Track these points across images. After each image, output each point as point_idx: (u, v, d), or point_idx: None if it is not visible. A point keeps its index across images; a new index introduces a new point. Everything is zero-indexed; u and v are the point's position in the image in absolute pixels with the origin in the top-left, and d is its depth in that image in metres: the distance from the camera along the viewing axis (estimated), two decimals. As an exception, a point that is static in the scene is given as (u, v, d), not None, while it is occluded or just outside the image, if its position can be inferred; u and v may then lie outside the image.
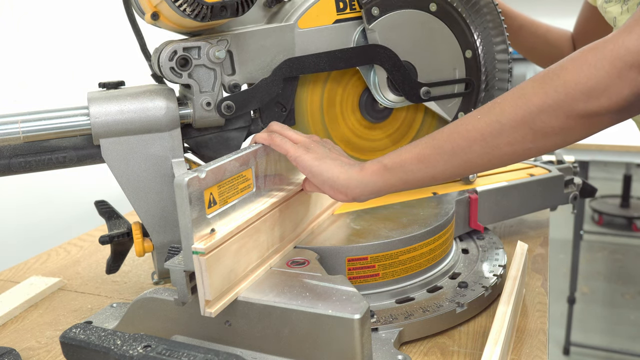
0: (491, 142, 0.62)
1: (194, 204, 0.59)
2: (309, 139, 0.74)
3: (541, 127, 0.60)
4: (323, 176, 0.69)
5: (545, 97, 0.59)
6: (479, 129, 0.62)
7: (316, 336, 0.60)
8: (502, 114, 0.61)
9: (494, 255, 0.89)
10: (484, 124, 0.62)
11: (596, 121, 0.59)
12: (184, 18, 0.70)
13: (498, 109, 0.62)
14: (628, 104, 0.57)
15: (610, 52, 0.56)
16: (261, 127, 0.84)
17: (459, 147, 0.64)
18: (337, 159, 0.71)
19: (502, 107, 0.62)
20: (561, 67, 0.59)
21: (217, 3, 0.70)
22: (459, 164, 0.65)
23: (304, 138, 0.74)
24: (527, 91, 0.60)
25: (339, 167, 0.69)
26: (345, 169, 0.69)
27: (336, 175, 0.68)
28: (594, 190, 1.14)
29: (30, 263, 1.09)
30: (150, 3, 0.73)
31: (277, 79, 0.82)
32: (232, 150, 0.82)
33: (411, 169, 0.66)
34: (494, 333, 0.67)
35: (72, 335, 0.62)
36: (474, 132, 0.63)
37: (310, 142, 0.73)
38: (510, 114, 0.61)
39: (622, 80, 0.55)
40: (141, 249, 0.80)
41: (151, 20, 0.73)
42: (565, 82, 0.58)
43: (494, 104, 0.63)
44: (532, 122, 0.60)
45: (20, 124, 0.74)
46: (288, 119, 0.86)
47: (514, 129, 0.61)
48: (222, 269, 0.62)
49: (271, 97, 0.82)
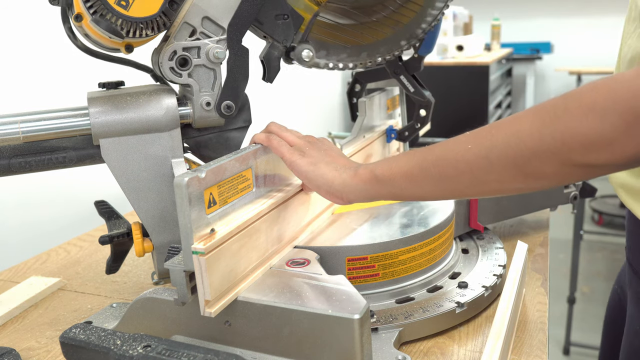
0: (479, 177, 0.58)
1: (194, 204, 0.59)
2: (305, 141, 0.74)
3: (532, 171, 0.54)
4: (318, 181, 0.69)
5: (540, 142, 0.52)
6: (468, 161, 0.58)
7: (316, 336, 0.60)
8: (492, 150, 0.56)
9: (494, 255, 0.89)
10: (473, 157, 0.57)
11: (594, 171, 0.53)
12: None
13: (489, 143, 0.56)
14: (632, 161, 0.50)
15: (623, 102, 0.47)
16: (279, 51, 0.81)
17: (447, 175, 0.60)
18: (331, 162, 0.70)
19: (493, 141, 0.56)
20: (565, 107, 0.51)
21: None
22: (446, 190, 0.62)
23: (300, 140, 0.74)
24: (523, 128, 0.54)
25: (333, 172, 0.68)
26: (339, 174, 0.68)
27: (330, 181, 0.68)
28: (594, 190, 1.14)
29: (30, 263, 1.09)
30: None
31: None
32: (232, 150, 0.82)
33: (400, 185, 0.64)
34: (494, 333, 0.67)
35: (72, 335, 0.62)
36: (462, 164, 0.58)
37: (306, 145, 0.73)
38: (501, 152, 0.55)
39: (629, 137, 0.47)
40: (141, 249, 0.80)
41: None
42: (564, 129, 0.50)
43: (488, 134, 0.57)
44: (523, 165, 0.54)
45: (20, 124, 0.74)
46: (296, 23, 0.82)
47: (503, 169, 0.56)
48: (222, 269, 0.62)
49: (258, 9, 0.78)
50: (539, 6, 5.30)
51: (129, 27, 0.72)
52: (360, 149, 1.01)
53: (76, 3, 0.70)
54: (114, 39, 0.72)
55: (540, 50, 4.99)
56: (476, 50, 3.79)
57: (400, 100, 1.20)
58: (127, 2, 0.70)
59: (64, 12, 0.73)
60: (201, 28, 0.77)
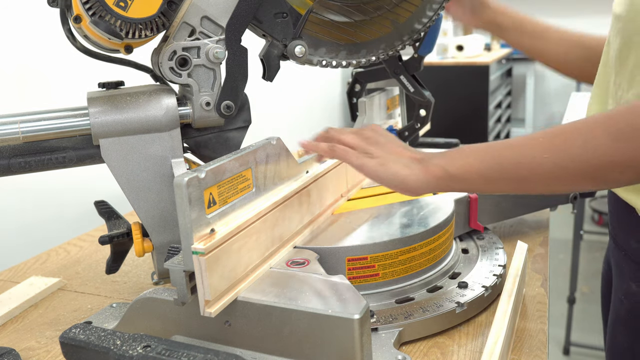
0: (553, 186, 0.63)
1: (194, 204, 0.59)
2: (365, 140, 0.75)
3: (608, 179, 0.60)
4: (390, 181, 0.70)
5: (618, 156, 0.57)
6: (545, 169, 0.61)
7: (316, 336, 0.60)
8: (569, 162, 0.60)
9: (494, 255, 0.89)
10: (551, 165, 0.61)
11: None
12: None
13: (565, 155, 0.60)
14: None
15: None
16: (278, 49, 0.82)
17: (523, 178, 0.63)
18: (398, 159, 0.71)
19: (569, 153, 0.60)
20: (634, 127, 0.56)
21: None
22: (519, 189, 0.66)
23: (361, 141, 0.75)
24: (599, 143, 0.58)
25: (405, 170, 0.69)
26: (410, 171, 0.69)
27: (403, 178, 0.69)
28: (594, 190, 1.14)
29: (30, 263, 1.09)
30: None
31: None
32: (231, 150, 0.81)
33: (474, 184, 0.67)
34: (494, 333, 0.67)
35: (72, 336, 0.62)
36: (539, 170, 0.62)
37: (368, 145, 0.74)
38: (578, 165, 0.59)
39: None
40: (141, 249, 0.80)
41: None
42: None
43: (563, 144, 0.61)
44: (600, 176, 0.59)
45: (19, 125, 0.74)
46: (295, 21, 0.82)
47: (581, 178, 0.60)
48: (221, 269, 0.62)
49: (256, 8, 0.78)
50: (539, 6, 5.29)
51: (128, 28, 0.72)
52: (360, 149, 1.01)
53: (75, 5, 0.70)
54: (113, 40, 0.72)
55: (540, 50, 4.99)
56: (476, 50, 3.79)
57: (400, 100, 1.20)
58: (125, 3, 0.70)
59: (63, 13, 0.73)
60: (200, 28, 0.77)
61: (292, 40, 0.83)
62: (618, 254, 0.86)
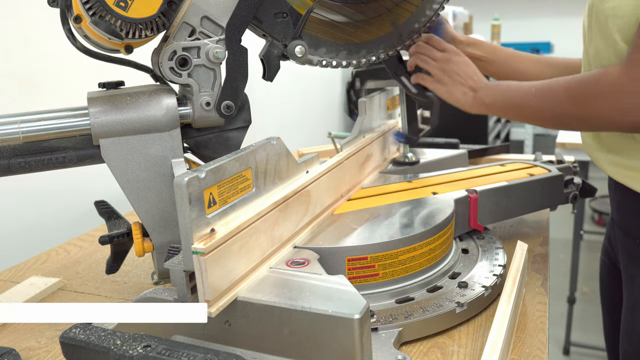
0: (539, 122, 0.89)
1: (194, 204, 0.59)
2: (440, 67, 0.97)
3: (572, 127, 0.87)
4: (451, 102, 0.97)
5: (575, 112, 0.80)
6: (533, 111, 0.86)
7: (316, 336, 0.60)
8: (545, 110, 0.84)
9: (494, 255, 0.89)
10: (536, 109, 0.85)
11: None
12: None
13: (542, 104, 0.84)
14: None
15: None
16: (278, 49, 0.83)
17: (523, 114, 0.89)
18: (461, 87, 0.95)
19: (544, 104, 0.84)
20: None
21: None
22: (521, 119, 0.93)
23: (438, 69, 0.98)
24: (561, 101, 0.81)
25: (462, 97, 0.95)
26: (465, 99, 0.95)
27: (460, 104, 0.96)
28: (594, 190, 1.14)
29: (30, 263, 1.09)
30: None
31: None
32: (231, 150, 0.82)
33: (499, 113, 0.95)
34: (494, 333, 0.67)
35: (72, 335, 0.62)
36: (529, 111, 0.86)
37: (443, 74, 0.97)
38: (550, 112, 0.84)
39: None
40: (141, 249, 0.80)
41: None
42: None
43: (543, 94, 0.83)
44: (566, 123, 0.86)
45: (20, 125, 0.74)
46: (295, 21, 0.83)
47: (552, 122, 0.87)
48: (221, 269, 0.62)
49: (256, 8, 0.79)
50: (539, 6, 5.30)
51: (128, 28, 0.72)
52: (360, 149, 1.01)
53: (75, 5, 0.70)
54: (113, 40, 0.72)
55: (540, 50, 4.99)
56: (476, 50, 3.78)
57: (400, 100, 1.20)
58: (125, 3, 0.70)
59: (63, 13, 0.73)
60: (200, 28, 0.77)
61: (292, 40, 0.83)
62: (631, 244, 0.89)
